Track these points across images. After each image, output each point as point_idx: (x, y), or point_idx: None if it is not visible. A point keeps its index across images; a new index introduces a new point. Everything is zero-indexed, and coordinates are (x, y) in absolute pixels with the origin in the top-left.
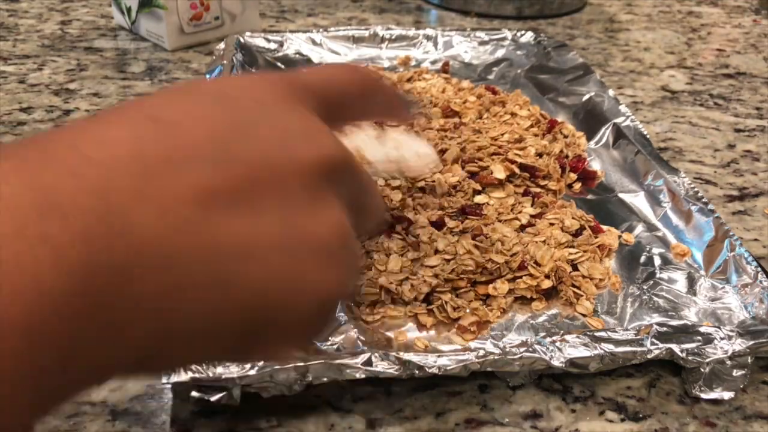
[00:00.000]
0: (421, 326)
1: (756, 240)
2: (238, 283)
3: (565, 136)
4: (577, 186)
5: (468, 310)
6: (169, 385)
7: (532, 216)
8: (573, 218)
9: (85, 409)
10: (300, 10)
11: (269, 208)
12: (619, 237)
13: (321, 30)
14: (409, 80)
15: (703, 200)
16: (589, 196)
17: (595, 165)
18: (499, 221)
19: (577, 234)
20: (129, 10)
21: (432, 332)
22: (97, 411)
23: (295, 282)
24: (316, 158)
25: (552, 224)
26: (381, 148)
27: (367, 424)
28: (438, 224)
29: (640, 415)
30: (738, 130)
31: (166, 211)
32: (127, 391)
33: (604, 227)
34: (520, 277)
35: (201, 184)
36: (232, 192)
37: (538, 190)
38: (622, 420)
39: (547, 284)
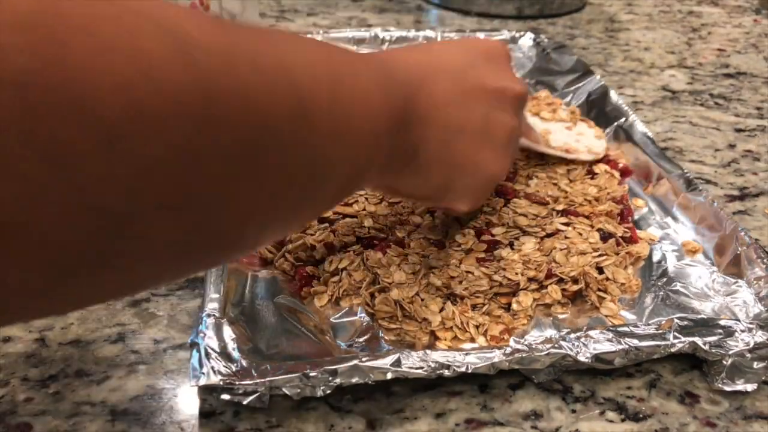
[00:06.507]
0: (440, 341)
1: (756, 240)
2: (454, 142)
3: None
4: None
5: (488, 323)
6: (176, 387)
7: (562, 224)
8: (604, 227)
9: (85, 409)
10: (300, 9)
11: (478, 108)
12: (650, 244)
13: (322, 32)
14: None
15: (710, 197)
16: None
17: None
18: (525, 233)
19: (603, 241)
20: None
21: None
22: (97, 411)
23: (482, 154)
24: (516, 90)
25: (580, 234)
26: (566, 135)
27: (367, 424)
28: (439, 244)
29: (640, 415)
30: (738, 130)
31: (428, 98)
32: (127, 391)
33: (640, 234)
34: (546, 287)
35: (445, 89)
36: (460, 96)
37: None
38: (623, 420)
39: (574, 288)
